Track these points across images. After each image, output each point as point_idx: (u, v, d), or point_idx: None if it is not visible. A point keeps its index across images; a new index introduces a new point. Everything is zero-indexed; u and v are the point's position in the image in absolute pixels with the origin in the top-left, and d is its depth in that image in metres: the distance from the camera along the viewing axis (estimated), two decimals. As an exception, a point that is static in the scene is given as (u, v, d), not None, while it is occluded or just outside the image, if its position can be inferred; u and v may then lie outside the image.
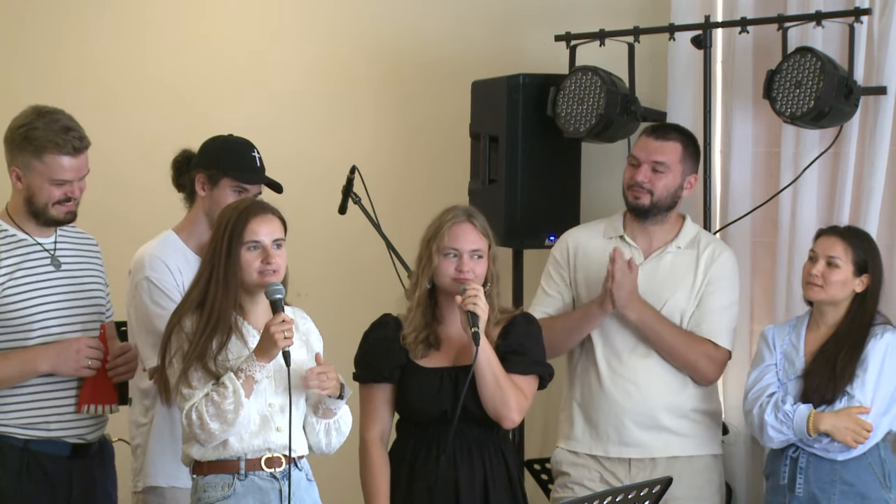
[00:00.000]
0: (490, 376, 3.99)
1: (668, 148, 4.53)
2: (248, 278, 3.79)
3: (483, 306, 3.98)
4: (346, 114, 6.06)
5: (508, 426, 4.07)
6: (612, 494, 3.34)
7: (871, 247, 4.35)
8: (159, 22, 6.54)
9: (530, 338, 4.13)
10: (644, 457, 4.52)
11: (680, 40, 5.01)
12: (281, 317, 3.72)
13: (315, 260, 6.04)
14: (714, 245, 4.62)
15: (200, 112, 6.20)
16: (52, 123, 4.05)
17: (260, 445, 3.79)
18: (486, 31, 5.67)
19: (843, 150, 4.76)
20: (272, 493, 3.79)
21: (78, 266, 4.22)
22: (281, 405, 3.81)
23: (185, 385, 3.73)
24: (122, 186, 6.20)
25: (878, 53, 4.70)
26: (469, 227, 4.09)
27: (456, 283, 4.05)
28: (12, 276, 4.06)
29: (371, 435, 4.13)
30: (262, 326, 3.79)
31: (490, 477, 4.07)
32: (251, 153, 4.44)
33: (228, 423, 3.69)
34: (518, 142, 5.08)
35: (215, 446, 3.77)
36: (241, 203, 3.92)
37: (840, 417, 4.22)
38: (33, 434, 4.08)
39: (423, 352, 4.11)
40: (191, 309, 3.80)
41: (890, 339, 4.27)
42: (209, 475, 3.79)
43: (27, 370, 4.05)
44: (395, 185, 5.75)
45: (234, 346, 3.79)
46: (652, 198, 4.52)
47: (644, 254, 4.58)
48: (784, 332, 4.42)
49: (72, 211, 4.14)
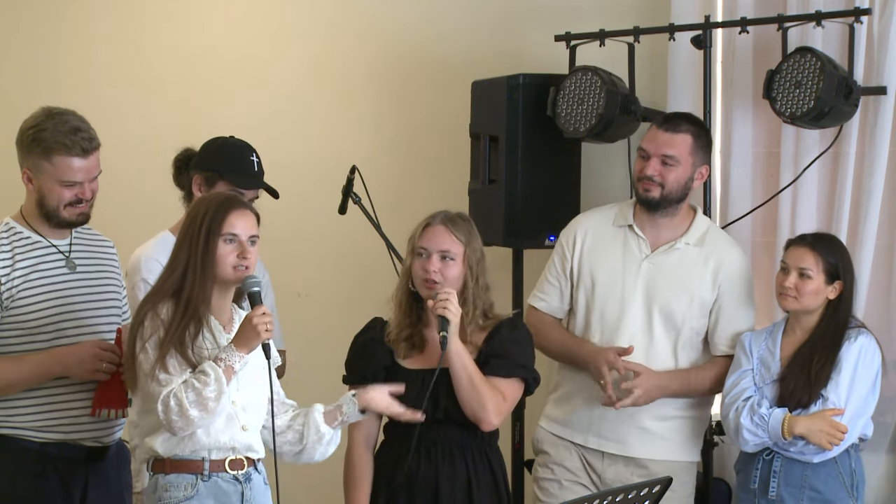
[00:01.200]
0: (465, 379, 4.00)
1: (678, 140, 4.49)
2: (222, 271, 3.75)
3: (455, 311, 3.99)
4: (347, 114, 6.06)
5: (486, 429, 4.07)
6: (612, 494, 3.34)
7: (841, 252, 4.36)
8: (159, 24, 6.54)
9: (514, 342, 4.12)
10: (620, 454, 4.51)
11: (680, 40, 5.01)
12: (261, 308, 3.70)
13: (315, 260, 6.05)
14: (723, 248, 4.55)
15: (200, 112, 6.21)
16: (60, 124, 4.02)
17: (226, 443, 3.76)
18: (486, 31, 5.68)
19: (843, 150, 4.76)
20: (234, 496, 3.77)
21: (94, 268, 4.18)
22: (244, 404, 3.79)
23: (163, 370, 3.67)
24: (122, 186, 6.21)
25: (878, 53, 4.70)
26: (441, 230, 4.09)
27: (425, 284, 4.06)
28: (27, 279, 4.02)
29: (356, 437, 4.15)
30: (225, 321, 3.78)
31: (474, 479, 4.07)
32: (250, 157, 4.44)
33: (209, 410, 3.65)
34: (518, 142, 5.08)
35: (182, 441, 3.72)
36: (219, 195, 3.90)
37: (814, 420, 4.24)
38: (49, 437, 4.04)
39: (406, 352, 4.12)
40: (166, 296, 3.75)
41: (864, 341, 4.30)
42: (171, 474, 3.75)
43: (42, 373, 4.01)
44: (395, 185, 5.76)
45: (205, 339, 3.76)
46: (662, 190, 4.48)
47: (651, 246, 4.54)
48: (760, 339, 4.44)
49: (84, 212, 4.09)
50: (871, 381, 4.30)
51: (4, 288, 3.99)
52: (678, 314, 4.49)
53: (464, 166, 5.31)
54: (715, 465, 4.88)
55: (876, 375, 4.31)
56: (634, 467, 4.49)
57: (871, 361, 4.30)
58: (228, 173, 4.36)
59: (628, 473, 4.49)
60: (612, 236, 4.57)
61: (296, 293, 5.86)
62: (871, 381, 4.30)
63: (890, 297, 4.76)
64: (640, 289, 4.51)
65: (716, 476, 4.91)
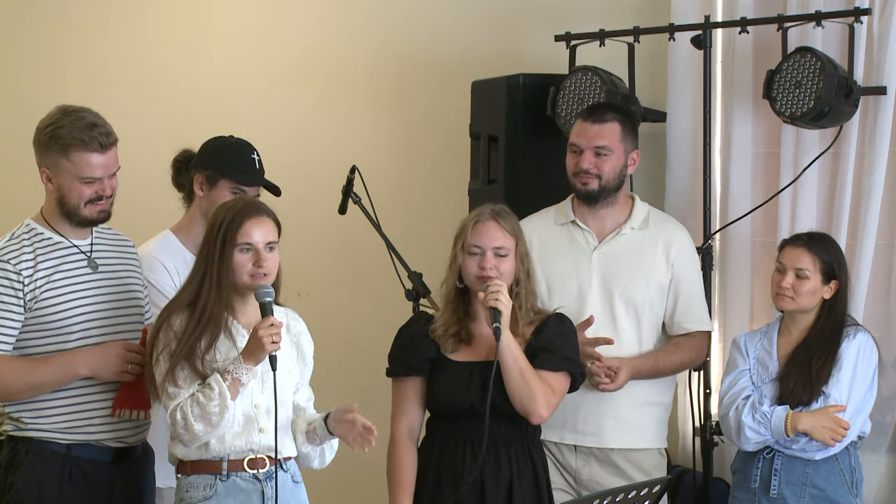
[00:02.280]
0: (515, 371, 4.00)
1: (607, 130, 4.51)
2: (239, 280, 3.78)
3: (506, 302, 4.00)
4: (347, 114, 6.06)
5: (536, 421, 4.07)
6: (612, 494, 3.34)
7: (836, 251, 4.37)
8: (159, 25, 6.55)
9: (561, 336, 4.13)
10: (596, 446, 4.51)
11: (680, 40, 5.01)
12: (269, 320, 3.71)
13: (315, 260, 6.05)
14: (667, 226, 4.61)
15: (200, 112, 6.21)
16: (77, 121, 4.01)
17: (242, 447, 3.78)
18: (485, 31, 5.68)
19: (843, 151, 4.76)
20: (254, 495, 3.79)
21: (115, 268, 4.16)
22: (267, 407, 3.80)
23: (172, 384, 3.73)
24: (123, 186, 6.20)
25: (878, 53, 4.70)
26: (493, 225, 4.10)
27: (480, 281, 4.07)
28: (50, 279, 4.01)
29: (399, 429, 4.15)
30: (252, 326, 3.78)
31: (516, 477, 4.07)
32: (251, 155, 4.44)
33: (213, 424, 3.69)
34: (518, 142, 5.08)
35: (198, 446, 3.77)
36: (236, 203, 3.90)
37: (818, 417, 4.24)
38: (75, 438, 4.02)
39: (453, 346, 4.12)
40: (181, 307, 3.79)
41: (862, 339, 4.31)
42: (192, 475, 3.80)
43: (67, 374, 4.00)
44: (395, 185, 5.76)
45: (222, 345, 3.79)
46: (600, 182, 4.51)
47: (598, 237, 4.57)
48: (755, 339, 4.45)
49: (105, 210, 4.08)
50: (870, 379, 4.32)
51: (28, 290, 3.97)
52: (638, 298, 4.51)
53: (464, 166, 5.31)
54: (715, 465, 4.88)
55: (874, 373, 4.33)
56: (608, 466, 4.50)
57: (870, 359, 4.31)
58: (230, 171, 4.36)
59: (603, 472, 4.50)
60: (556, 235, 4.59)
61: (296, 293, 5.85)
62: (870, 379, 4.32)
63: (890, 297, 4.76)
64: (596, 280, 4.53)
65: (716, 476, 4.91)
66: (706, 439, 4.80)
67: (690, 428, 4.97)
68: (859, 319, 4.58)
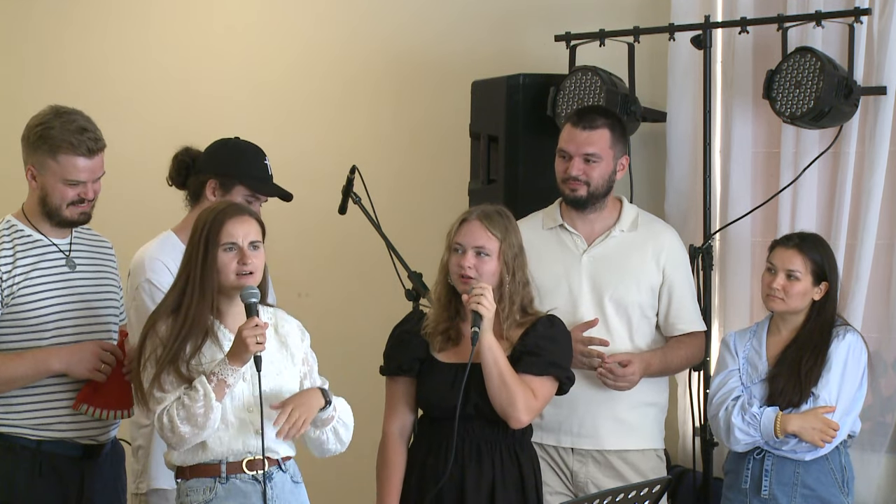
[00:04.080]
0: (495, 375, 4.00)
1: (597, 137, 4.50)
2: (225, 280, 3.77)
3: (489, 305, 3.99)
4: (347, 114, 6.06)
5: (515, 426, 4.06)
6: (613, 494, 3.34)
7: (827, 252, 4.37)
8: (160, 24, 6.55)
9: (549, 340, 4.11)
10: (593, 448, 4.51)
11: (680, 40, 5.01)
12: (254, 321, 3.70)
13: (315, 260, 6.05)
14: (656, 228, 4.61)
15: (201, 111, 6.21)
16: (68, 124, 4.05)
17: (240, 449, 3.78)
18: (485, 31, 5.68)
19: (843, 150, 4.76)
20: (254, 496, 3.78)
21: (93, 268, 4.22)
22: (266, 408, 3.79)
23: (158, 389, 3.72)
24: (124, 186, 6.21)
25: (878, 53, 4.70)
26: (477, 225, 4.10)
27: (460, 280, 4.07)
28: (28, 276, 4.06)
29: (390, 428, 4.16)
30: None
31: (499, 479, 4.06)
32: (263, 161, 4.42)
33: (199, 426, 3.68)
34: (518, 142, 5.08)
35: (195, 450, 3.76)
36: (217, 205, 3.90)
37: (807, 418, 4.24)
38: (45, 435, 4.08)
39: (441, 345, 4.13)
40: (166, 313, 3.78)
41: (851, 339, 4.31)
42: (191, 479, 3.80)
43: (41, 368, 4.05)
44: (395, 185, 5.76)
45: (208, 349, 3.78)
46: (589, 188, 4.51)
47: (587, 240, 4.57)
48: (745, 338, 4.45)
49: (85, 212, 4.13)
50: (860, 379, 4.32)
51: (6, 285, 4.01)
52: (629, 300, 4.51)
53: (464, 166, 5.31)
54: (715, 465, 4.88)
55: (863, 373, 4.32)
56: (606, 468, 4.50)
57: (859, 359, 4.32)
58: (246, 178, 4.32)
59: (601, 475, 4.50)
60: (545, 240, 4.58)
61: (296, 293, 5.86)
62: (860, 379, 4.32)
63: (890, 297, 4.76)
64: (587, 283, 4.52)
65: (716, 476, 4.91)
66: (706, 439, 4.80)
67: (690, 428, 4.98)
68: (859, 319, 4.58)
